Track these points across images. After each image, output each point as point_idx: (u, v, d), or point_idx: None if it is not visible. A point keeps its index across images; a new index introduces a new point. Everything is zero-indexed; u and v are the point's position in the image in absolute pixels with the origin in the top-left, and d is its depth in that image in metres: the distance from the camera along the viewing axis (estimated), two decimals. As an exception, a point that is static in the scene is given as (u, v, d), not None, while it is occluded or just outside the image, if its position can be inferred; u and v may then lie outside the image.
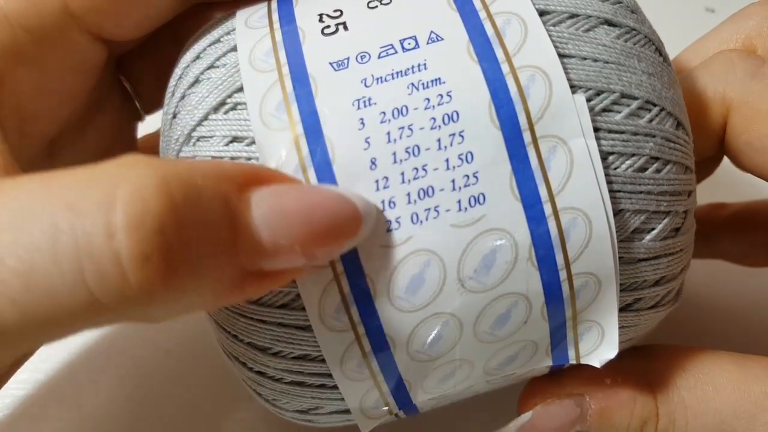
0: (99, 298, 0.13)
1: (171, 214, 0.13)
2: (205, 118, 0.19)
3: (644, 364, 0.22)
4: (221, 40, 0.20)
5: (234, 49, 0.20)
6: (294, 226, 0.16)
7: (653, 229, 0.19)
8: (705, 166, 0.26)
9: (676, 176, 0.19)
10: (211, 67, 0.20)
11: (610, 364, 0.22)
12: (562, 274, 0.19)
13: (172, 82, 0.21)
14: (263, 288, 0.17)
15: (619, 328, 0.20)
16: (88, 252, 0.13)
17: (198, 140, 0.19)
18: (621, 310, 0.20)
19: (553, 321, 0.19)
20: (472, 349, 0.19)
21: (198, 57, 0.20)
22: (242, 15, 0.21)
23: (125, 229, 0.13)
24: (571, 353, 0.20)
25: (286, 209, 0.16)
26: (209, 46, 0.20)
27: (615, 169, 0.19)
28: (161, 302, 0.14)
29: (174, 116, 0.20)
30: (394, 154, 0.18)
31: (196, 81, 0.20)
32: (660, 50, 0.20)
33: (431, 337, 0.19)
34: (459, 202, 0.18)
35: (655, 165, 0.19)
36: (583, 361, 0.21)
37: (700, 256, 0.28)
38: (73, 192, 0.13)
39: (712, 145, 0.23)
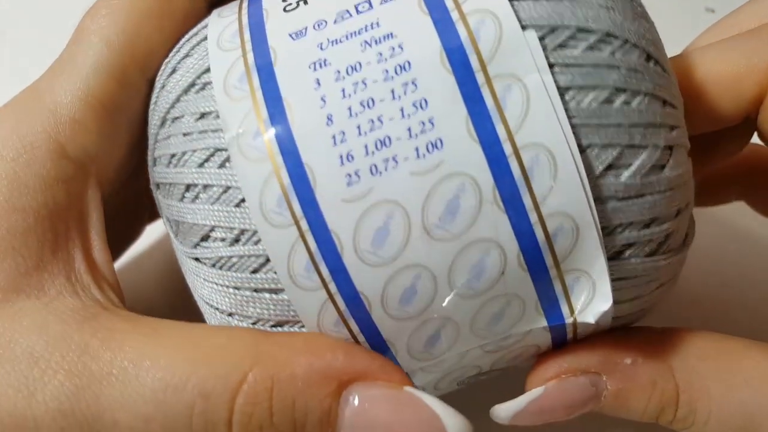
0: None
1: (270, 417, 0.18)
2: (177, 100, 0.20)
3: (667, 347, 0.21)
4: (197, 33, 0.21)
5: (206, 38, 0.21)
6: None
7: (630, 164, 0.18)
8: (732, 143, 0.24)
9: (649, 108, 0.18)
10: (186, 56, 0.21)
11: (630, 344, 0.21)
12: (533, 217, 0.18)
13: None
14: None
15: (618, 279, 0.19)
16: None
17: (172, 122, 0.20)
18: (612, 258, 0.19)
19: (534, 271, 0.19)
20: (452, 305, 0.19)
21: (177, 51, 0.22)
22: (217, 10, 0.22)
23: (237, 425, 0.18)
24: (565, 309, 0.19)
25: (374, 421, 0.19)
26: (187, 40, 0.22)
27: (577, 102, 0.18)
28: None
29: (155, 104, 0.21)
30: (350, 108, 0.18)
31: (173, 71, 0.21)
32: None
33: (405, 291, 0.18)
34: (417, 149, 0.18)
35: (622, 96, 0.18)
36: (579, 319, 0.20)
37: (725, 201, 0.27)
38: (208, 380, 0.18)
39: (736, 117, 0.21)
